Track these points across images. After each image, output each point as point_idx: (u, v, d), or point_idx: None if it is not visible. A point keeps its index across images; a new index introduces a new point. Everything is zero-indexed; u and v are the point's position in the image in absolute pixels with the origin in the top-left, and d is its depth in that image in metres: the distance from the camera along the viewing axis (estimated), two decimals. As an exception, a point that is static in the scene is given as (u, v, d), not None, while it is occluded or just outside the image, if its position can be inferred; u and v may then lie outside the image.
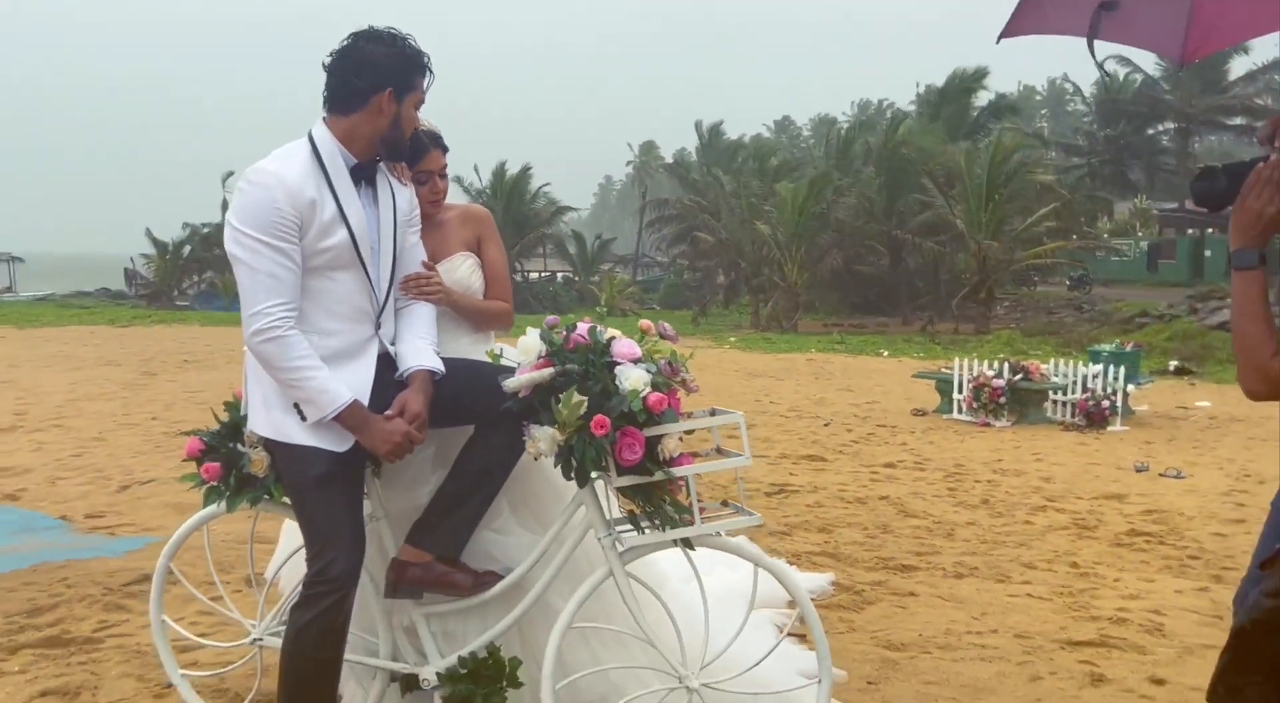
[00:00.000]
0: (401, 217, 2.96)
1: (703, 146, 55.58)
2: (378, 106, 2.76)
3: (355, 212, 2.79)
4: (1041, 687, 3.86)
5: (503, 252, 3.53)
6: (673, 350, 2.91)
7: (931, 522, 6.48)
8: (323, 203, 2.73)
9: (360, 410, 2.75)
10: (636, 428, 2.71)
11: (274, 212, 2.66)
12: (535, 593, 2.97)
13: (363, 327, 2.87)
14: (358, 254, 2.80)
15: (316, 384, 2.70)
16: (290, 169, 2.72)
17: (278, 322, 2.67)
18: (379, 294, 2.89)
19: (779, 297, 34.50)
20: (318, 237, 2.73)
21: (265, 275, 2.66)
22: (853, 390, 14.85)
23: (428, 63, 2.84)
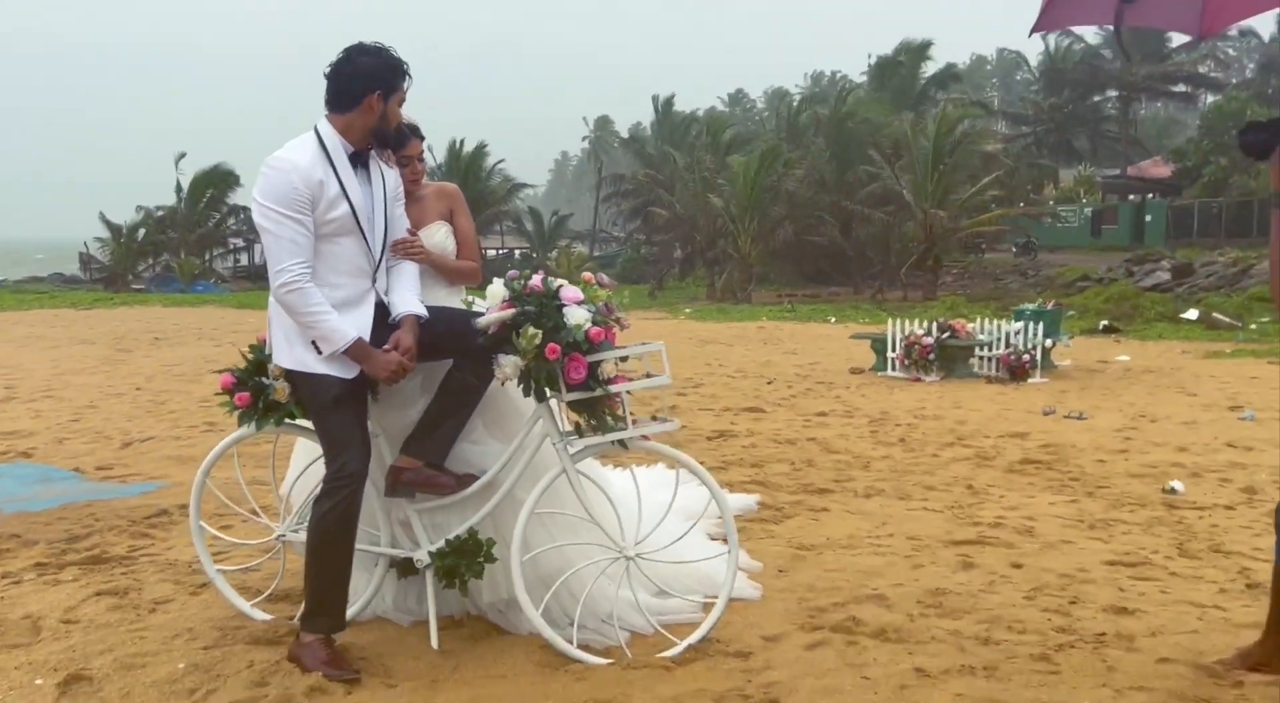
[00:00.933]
0: (390, 193, 3.72)
1: (658, 120, 56.18)
2: (369, 106, 3.51)
3: (354, 189, 3.55)
4: (921, 571, 4.72)
5: (471, 221, 4.30)
6: (608, 294, 3.70)
7: (851, 457, 7.35)
8: (329, 183, 3.49)
9: (364, 346, 3.52)
10: (581, 354, 3.51)
11: (291, 190, 3.41)
12: (505, 489, 3.77)
13: (362, 281, 3.64)
14: (357, 223, 3.56)
15: (329, 325, 3.46)
16: (303, 156, 3.47)
17: (298, 276, 3.43)
18: (374, 255, 3.65)
19: (733, 269, 35.39)
20: (326, 209, 3.49)
21: (287, 241, 3.42)
22: (798, 354, 15.74)
23: (407, 69, 3.58)
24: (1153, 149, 58.48)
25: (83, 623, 3.98)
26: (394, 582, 4.02)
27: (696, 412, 9.46)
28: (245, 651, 3.70)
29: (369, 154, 3.64)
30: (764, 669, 3.58)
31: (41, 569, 4.67)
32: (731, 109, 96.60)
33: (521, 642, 3.80)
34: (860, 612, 4.12)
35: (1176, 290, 26.33)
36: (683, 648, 3.70)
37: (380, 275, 3.71)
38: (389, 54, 3.56)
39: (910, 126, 33.14)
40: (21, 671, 3.53)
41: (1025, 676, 3.53)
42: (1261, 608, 4.18)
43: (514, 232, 52.30)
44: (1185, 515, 5.74)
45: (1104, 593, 4.41)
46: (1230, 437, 8.18)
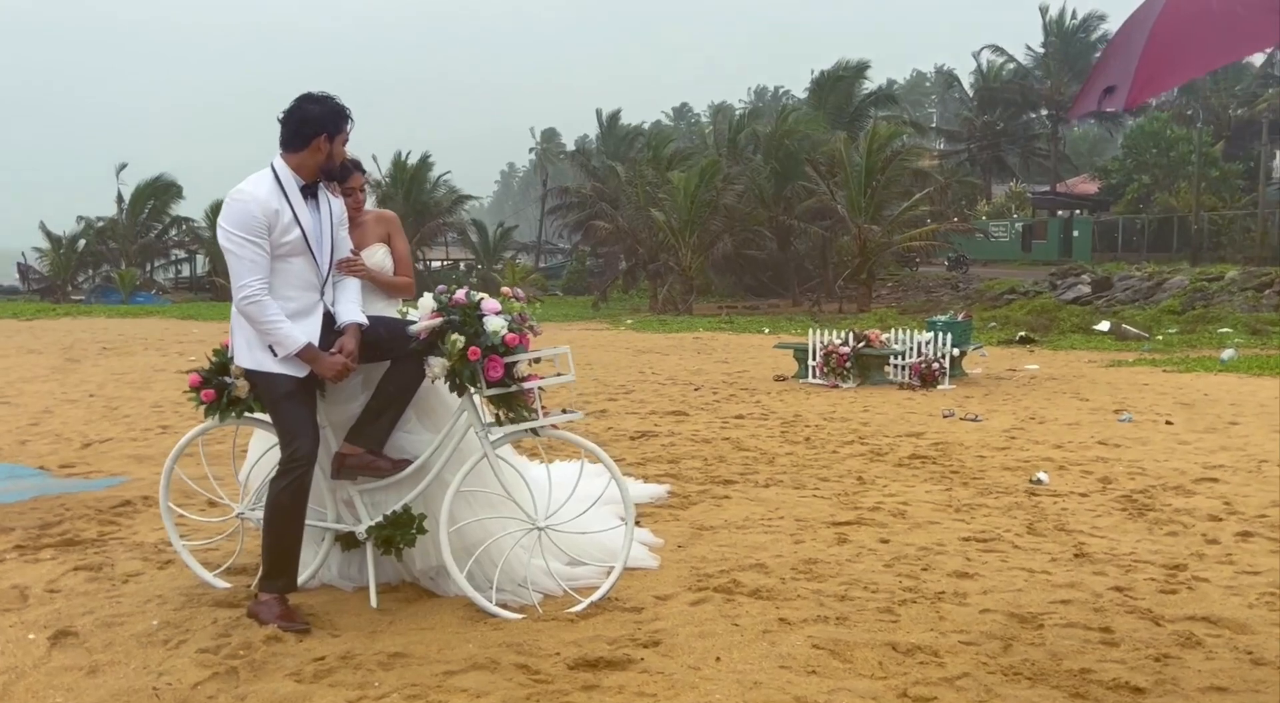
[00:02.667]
0: (335, 219, 4.37)
1: (603, 134, 56.93)
2: (317, 146, 4.16)
3: (305, 217, 4.19)
4: (800, 546, 5.44)
5: (406, 243, 4.98)
6: (522, 306, 4.37)
7: (758, 453, 8.09)
8: (283, 211, 4.13)
9: (312, 349, 4.16)
10: (498, 356, 4.18)
11: (251, 218, 4.05)
12: (434, 472, 4.43)
13: (312, 294, 4.27)
14: (308, 245, 4.20)
15: (283, 332, 4.11)
16: (260, 189, 4.11)
17: (257, 291, 4.06)
18: (322, 272, 4.29)
19: (674, 281, 36.22)
20: (280, 234, 4.13)
21: (248, 261, 4.06)
22: (728, 362, 16.51)
23: (349, 114, 4.24)
24: (1081, 166, 60.51)
25: (64, 591, 4.57)
26: (339, 554, 4.66)
27: (624, 415, 10.16)
28: (210, 611, 4.32)
29: (318, 186, 4.29)
30: (653, 620, 4.27)
31: (21, 550, 5.23)
32: (676, 123, 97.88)
33: (449, 602, 4.46)
34: (741, 577, 4.83)
35: (1095, 303, 27.61)
36: (585, 605, 4.38)
37: (328, 289, 4.36)
38: (333, 102, 4.22)
39: (844, 144, 34.18)
40: (15, 629, 4.11)
41: (869, 623, 4.26)
42: (1082, 573, 4.98)
43: (459, 243, 52.78)
44: (1042, 501, 6.54)
45: (953, 562, 5.16)
46: (1105, 436, 9.04)
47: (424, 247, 49.72)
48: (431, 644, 3.99)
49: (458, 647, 3.96)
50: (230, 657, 3.81)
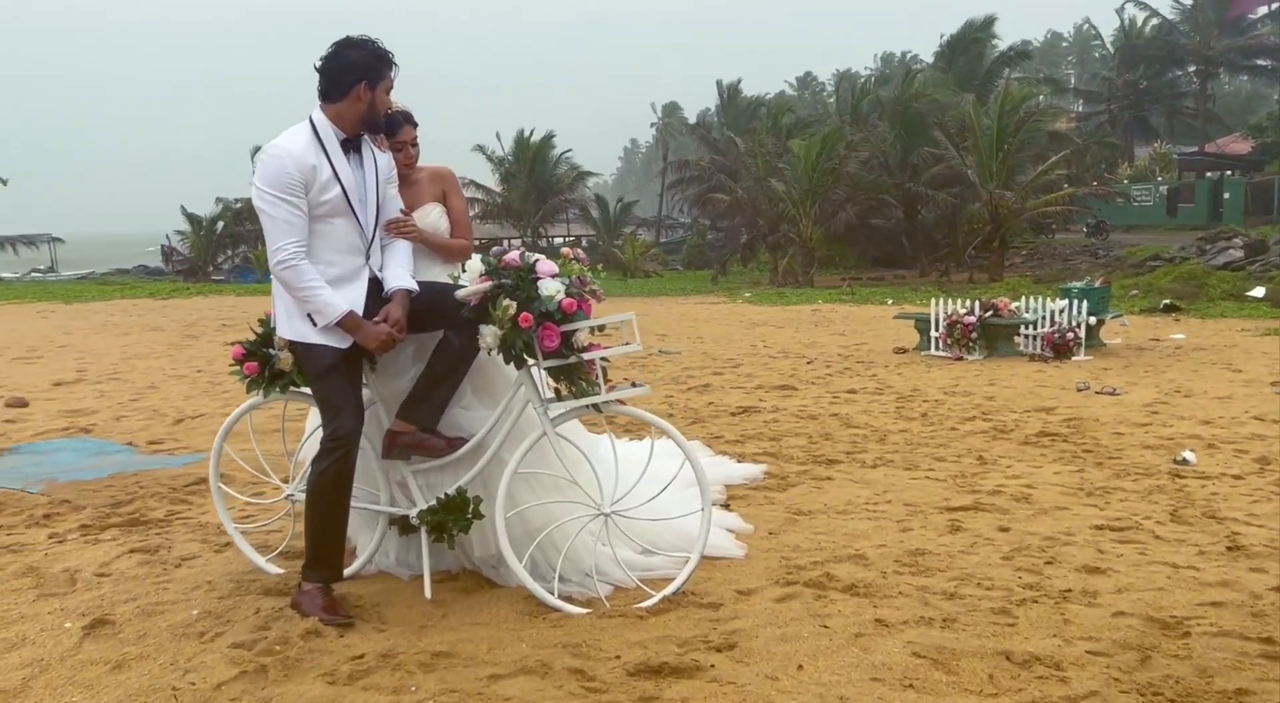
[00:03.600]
0: (382, 176, 4.00)
1: (723, 105, 56.06)
2: (357, 95, 3.79)
3: (346, 173, 3.83)
4: (907, 534, 4.89)
5: (464, 201, 4.58)
6: (581, 268, 3.93)
7: (869, 430, 7.50)
8: (321, 167, 3.77)
9: (355, 318, 3.80)
10: (554, 324, 3.75)
11: (285, 175, 3.70)
12: (491, 451, 4.04)
13: (356, 258, 3.92)
14: (349, 204, 3.84)
15: (322, 299, 3.76)
16: (296, 144, 3.76)
17: (292, 255, 3.72)
18: (367, 234, 3.93)
19: (794, 253, 35.35)
20: (319, 192, 3.78)
21: (282, 222, 3.72)
22: (845, 335, 15.81)
23: (392, 58, 3.85)
24: (1233, 125, 56.85)
25: (114, 576, 4.35)
26: (396, 539, 4.32)
27: (729, 390, 9.66)
28: (255, 600, 4.03)
29: (361, 140, 3.93)
30: (730, 619, 3.80)
31: (85, 530, 5.06)
32: (800, 93, 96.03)
33: (508, 593, 4.07)
34: (837, 570, 4.32)
35: (1249, 268, 25.72)
36: (657, 600, 3.94)
37: (374, 253, 4.00)
38: (374, 46, 3.83)
39: (973, 107, 32.70)
40: (54, 616, 3.90)
41: (980, 626, 3.70)
42: (1237, 569, 4.31)
43: (580, 219, 52.74)
44: (1188, 484, 5.81)
45: (1082, 555, 4.54)
46: (1261, 410, 8.15)
47: (545, 224, 49.86)
48: (481, 643, 3.61)
49: (510, 646, 3.57)
50: (264, 653, 3.50)
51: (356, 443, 3.82)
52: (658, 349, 13.33)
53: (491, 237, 54.55)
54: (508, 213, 49.66)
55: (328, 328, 3.80)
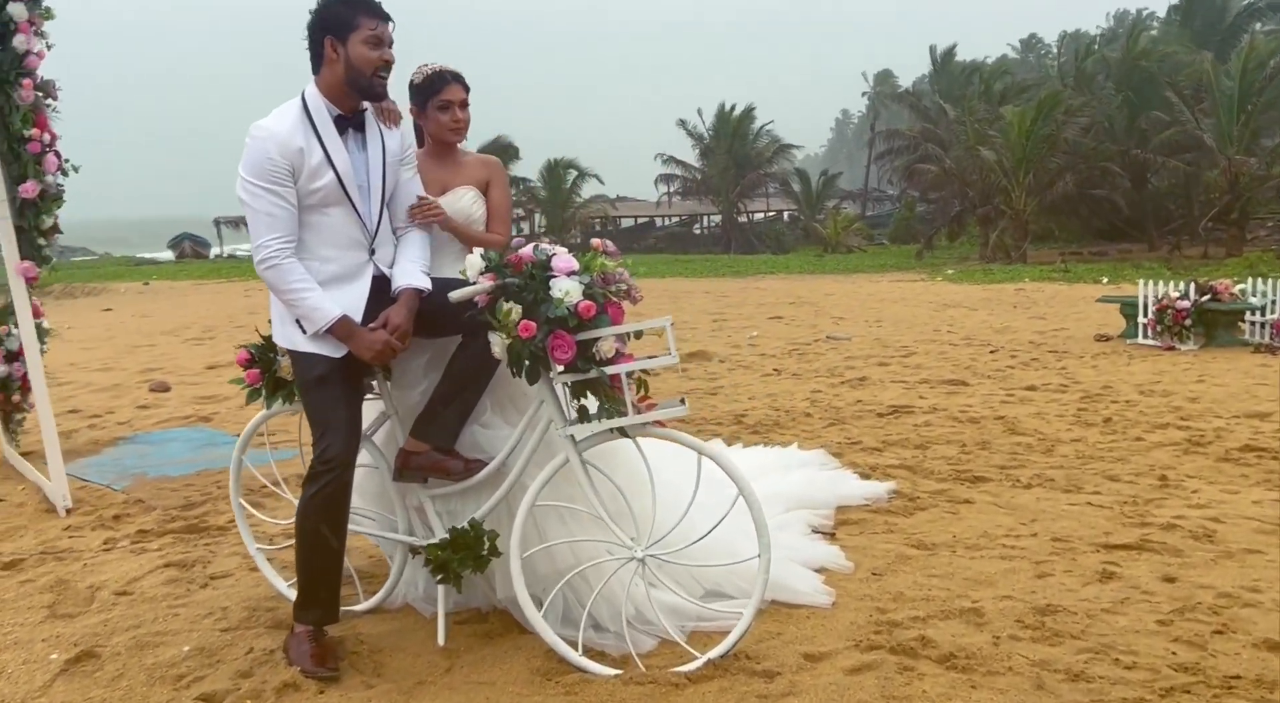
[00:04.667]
0: (391, 158, 3.46)
1: (936, 72, 53.51)
2: (330, 56, 3.25)
3: (340, 156, 3.30)
4: (1044, 582, 4.00)
5: (507, 195, 4.01)
6: (609, 263, 3.27)
7: (1035, 439, 6.49)
8: (310, 150, 3.26)
9: (348, 324, 3.29)
10: (567, 331, 3.12)
11: (267, 160, 3.21)
12: (512, 477, 3.45)
13: (356, 254, 3.40)
14: (345, 192, 3.32)
15: (310, 303, 3.26)
16: (282, 124, 3.26)
17: (275, 252, 3.24)
18: (370, 225, 3.40)
19: (1005, 226, 33.21)
20: (309, 179, 3.27)
21: (264, 214, 3.23)
22: (1045, 319, 14.41)
23: (368, 6, 3.23)
24: None
25: (134, 596, 4.04)
26: (423, 570, 3.80)
27: (886, 384, 8.74)
28: (256, 636, 3.61)
29: (364, 116, 3.40)
30: (784, 695, 3.09)
31: (139, 537, 4.82)
32: (1023, 56, 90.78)
33: (532, 643, 3.47)
34: (938, 631, 3.51)
35: None
36: (700, 663, 3.26)
37: (381, 246, 3.47)
38: None
39: (1210, 65, 29.65)
40: (46, 644, 3.59)
41: (1105, 728, 2.85)
42: None
43: (780, 194, 51.60)
44: None
45: (1267, 622, 3.55)
46: None
47: (744, 199, 49.06)
48: (475, 711, 3.04)
49: (506, 718, 2.99)
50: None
51: (349, 467, 3.32)
52: (825, 334, 12.45)
53: (691, 213, 54.41)
54: (706, 188, 49.15)
55: (319, 334, 3.31)
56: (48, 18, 5.22)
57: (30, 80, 5.11)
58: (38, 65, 5.20)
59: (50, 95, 5.37)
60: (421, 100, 3.82)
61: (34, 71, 5.16)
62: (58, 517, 5.23)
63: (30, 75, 5.13)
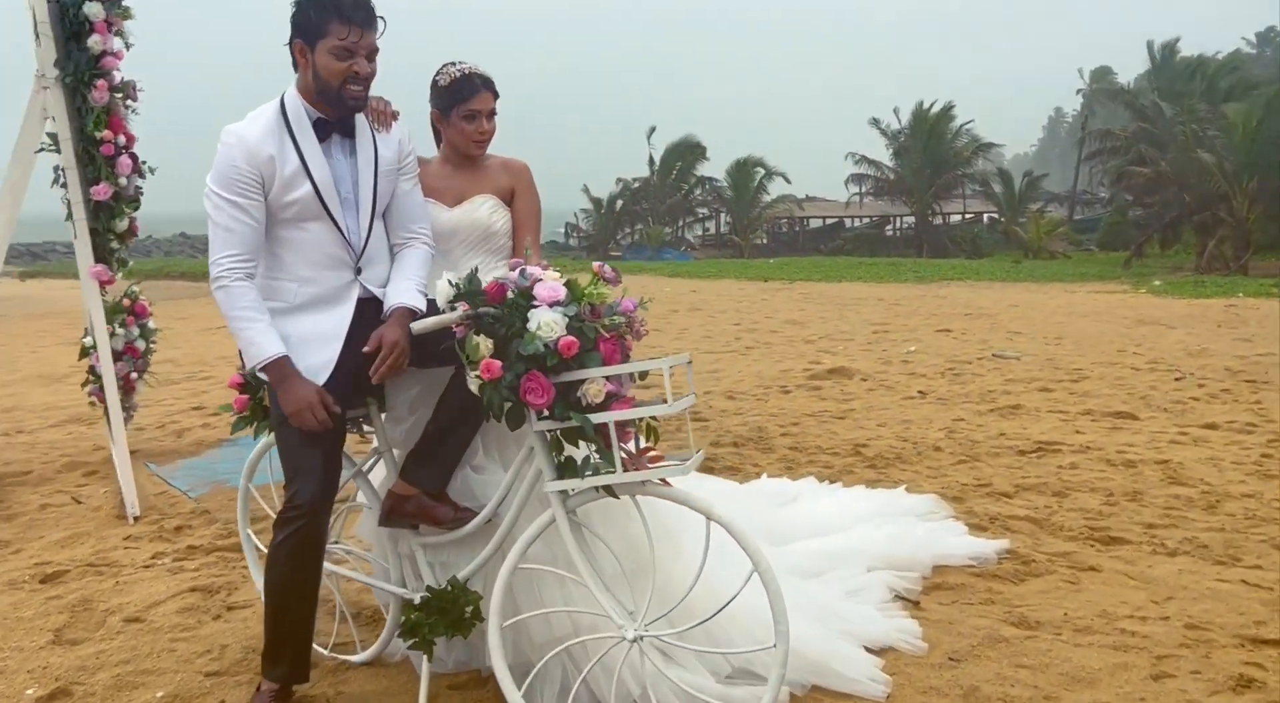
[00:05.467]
0: (385, 166, 3.09)
1: (1155, 68, 50.02)
2: (301, 61, 2.92)
3: (319, 165, 2.96)
4: (1158, 686, 3.28)
5: (536, 203, 3.61)
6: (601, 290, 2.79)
7: (1199, 492, 5.58)
8: (284, 158, 2.93)
9: (284, 368, 2.94)
10: (542, 371, 2.67)
11: (233, 169, 2.89)
12: (502, 531, 3.03)
13: (340, 273, 3.05)
14: (324, 206, 2.97)
15: (250, 335, 2.93)
16: (254, 128, 2.94)
17: (226, 272, 2.92)
18: (356, 242, 3.05)
19: (1225, 235, 30.53)
20: (282, 190, 2.94)
21: (222, 229, 2.91)
22: (1251, 341, 12.91)
23: (341, 11, 2.85)
24: None
25: (143, 624, 3.86)
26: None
27: (1041, 414, 7.85)
28: (236, 685, 3.33)
29: (354, 121, 3.04)
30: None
31: (189, 553, 4.69)
32: (1260, 51, 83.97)
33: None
34: (1003, 747, 2.88)
35: None
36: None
37: (371, 264, 3.11)
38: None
39: None
40: (31, 675, 3.43)
41: None
42: None
43: (980, 195, 49.32)
44: None
45: None
46: None
47: (939, 200, 47.17)
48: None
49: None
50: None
51: (321, 514, 2.98)
52: (992, 352, 11.50)
53: (882, 214, 52.71)
54: (899, 189, 47.54)
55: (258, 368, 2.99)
56: (126, 18, 5.18)
57: (105, 81, 5.07)
58: (114, 66, 5.16)
59: (130, 96, 5.34)
60: (445, 105, 3.45)
61: (109, 72, 5.12)
62: (126, 524, 5.16)
63: (105, 76, 5.09)
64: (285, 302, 3.03)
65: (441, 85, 3.45)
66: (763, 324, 14.68)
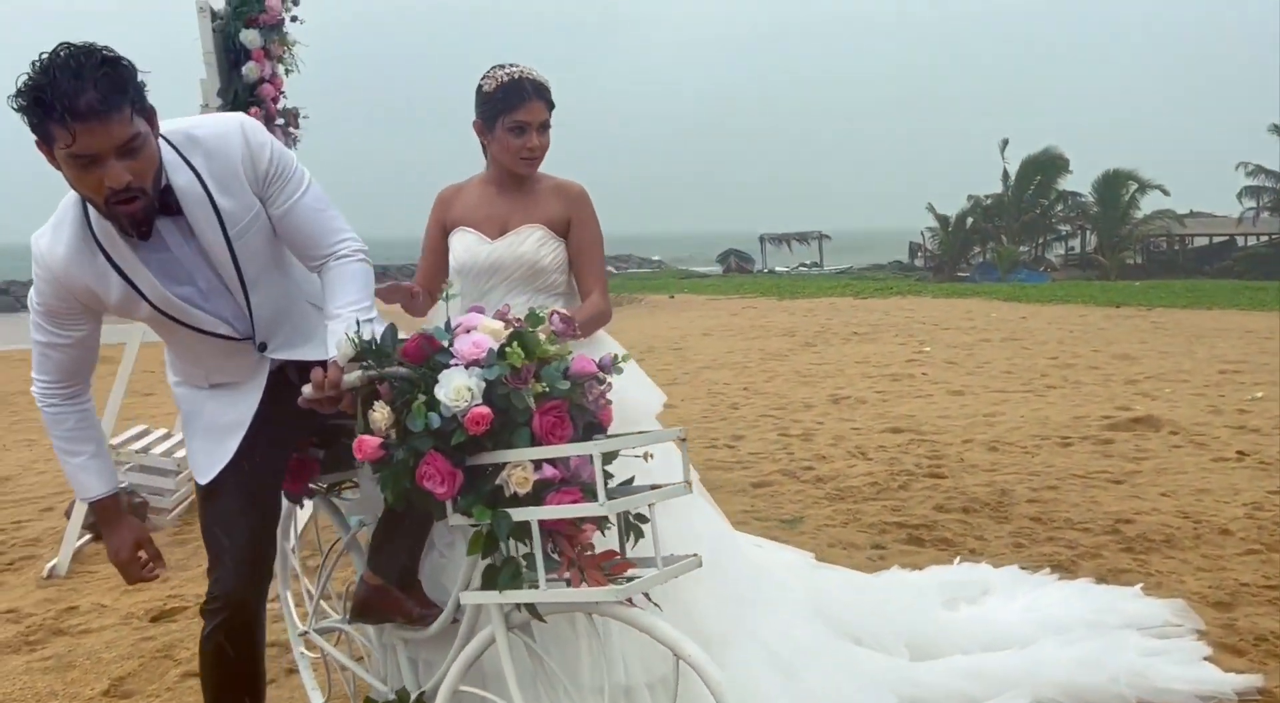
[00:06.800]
0: (238, 221, 2.39)
1: None
2: (54, 164, 2.20)
3: (147, 281, 2.36)
4: None
5: (597, 237, 3.06)
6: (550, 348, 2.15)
7: None
8: (104, 284, 2.35)
9: (110, 509, 2.56)
10: (442, 452, 2.07)
11: (45, 304, 2.40)
12: (459, 642, 2.46)
13: (240, 358, 2.56)
14: (173, 320, 2.44)
15: (70, 470, 2.56)
16: (57, 252, 2.33)
17: (40, 395, 2.52)
18: (239, 326, 2.51)
19: None
20: (121, 312, 2.44)
21: (39, 349, 2.48)
22: None
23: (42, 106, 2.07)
24: None
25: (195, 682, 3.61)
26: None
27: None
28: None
29: (171, 197, 2.31)
30: None
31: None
32: None
33: None
34: None
35: None
36: None
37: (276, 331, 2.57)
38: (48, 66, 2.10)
39: None
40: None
41: None
42: None
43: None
44: None
45: None
46: None
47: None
48: None
49: None
50: None
51: (245, 608, 2.55)
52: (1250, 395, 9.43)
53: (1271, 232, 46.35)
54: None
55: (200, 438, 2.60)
56: (285, 44, 5.13)
57: (258, 108, 5.02)
58: (271, 94, 5.10)
59: (292, 123, 5.29)
60: (489, 115, 2.97)
61: (264, 100, 5.07)
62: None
63: (260, 104, 5.04)
64: (196, 385, 2.62)
65: (486, 91, 2.96)
66: (1084, 358, 12.98)
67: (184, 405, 2.65)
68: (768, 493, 6.18)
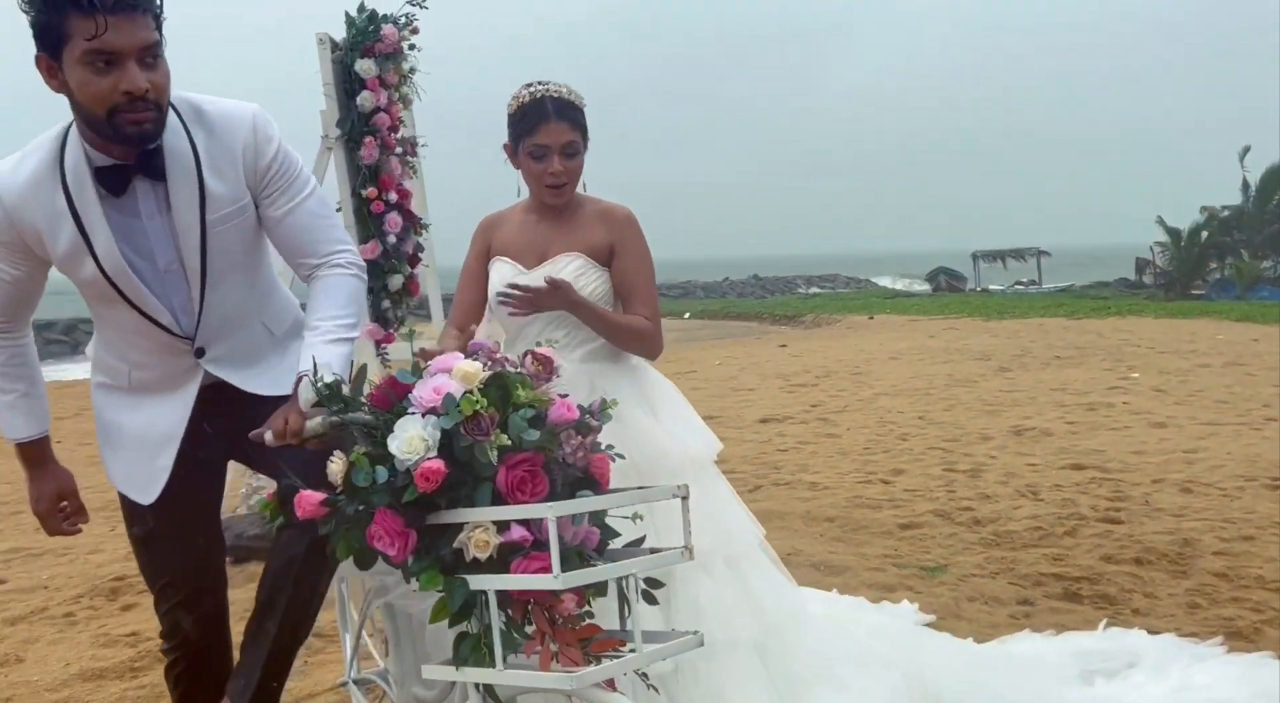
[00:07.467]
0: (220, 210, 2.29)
1: None
2: (54, 83, 2.15)
3: (105, 240, 2.23)
4: None
5: (646, 263, 2.81)
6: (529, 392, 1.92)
7: None
8: (56, 228, 2.22)
9: (36, 455, 2.45)
10: (393, 510, 1.87)
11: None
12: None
13: (174, 360, 2.41)
14: (119, 292, 2.30)
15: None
16: (16, 179, 2.22)
17: None
18: (181, 324, 2.37)
19: None
20: (65, 266, 2.31)
21: None
22: None
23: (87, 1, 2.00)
24: None
25: None
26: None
27: None
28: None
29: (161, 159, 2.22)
30: None
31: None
32: None
33: None
34: None
35: None
36: None
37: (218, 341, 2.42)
38: None
39: None
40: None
41: None
42: None
43: None
44: None
45: None
46: None
47: None
48: None
49: None
50: None
51: (213, 652, 2.43)
52: None
53: None
54: None
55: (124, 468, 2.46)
56: (400, 72, 5.11)
57: (372, 138, 5.02)
58: (386, 123, 5.09)
59: (410, 152, 5.27)
60: (513, 138, 2.81)
61: (379, 130, 5.06)
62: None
63: (374, 133, 5.04)
64: (118, 383, 2.48)
65: (509, 112, 2.79)
66: (1323, 387, 11.63)
67: (104, 414, 2.49)
68: (915, 536, 5.70)
